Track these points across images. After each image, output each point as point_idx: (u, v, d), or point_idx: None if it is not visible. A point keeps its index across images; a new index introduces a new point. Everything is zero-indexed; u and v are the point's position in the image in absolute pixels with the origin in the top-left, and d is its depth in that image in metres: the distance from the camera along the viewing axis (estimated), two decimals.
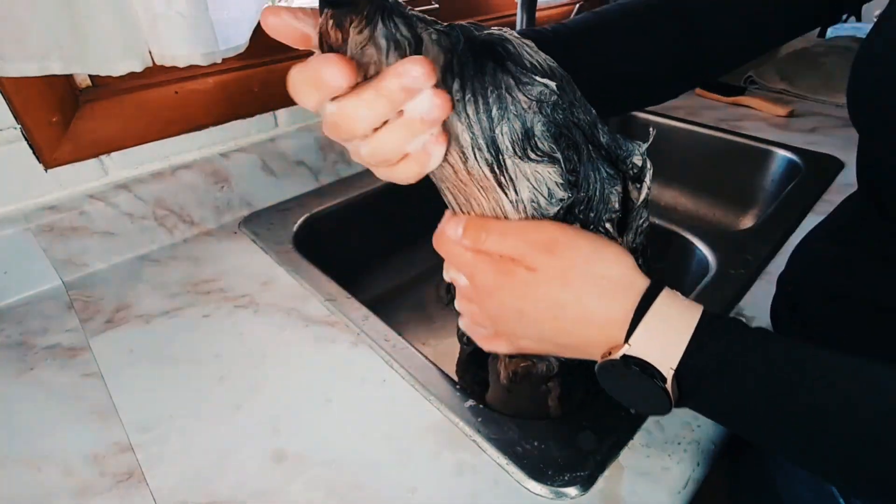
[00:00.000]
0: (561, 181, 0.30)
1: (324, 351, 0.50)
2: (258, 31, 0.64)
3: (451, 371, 0.49)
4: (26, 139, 0.55)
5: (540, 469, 0.39)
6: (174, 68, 0.58)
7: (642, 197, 0.33)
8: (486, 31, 0.30)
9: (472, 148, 0.29)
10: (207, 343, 0.51)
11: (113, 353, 0.50)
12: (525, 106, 0.29)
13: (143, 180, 0.63)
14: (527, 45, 0.30)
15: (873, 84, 0.33)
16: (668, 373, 0.27)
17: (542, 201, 0.31)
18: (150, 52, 0.56)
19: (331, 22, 0.29)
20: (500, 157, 0.29)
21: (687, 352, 0.27)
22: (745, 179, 0.92)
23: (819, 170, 0.79)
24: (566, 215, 0.32)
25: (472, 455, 0.40)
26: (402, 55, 0.28)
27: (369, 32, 0.28)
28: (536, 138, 0.29)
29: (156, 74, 0.61)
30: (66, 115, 0.56)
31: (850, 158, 0.81)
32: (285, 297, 0.57)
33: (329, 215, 0.74)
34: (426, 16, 0.30)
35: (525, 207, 0.31)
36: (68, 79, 0.56)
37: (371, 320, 0.53)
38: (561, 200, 0.31)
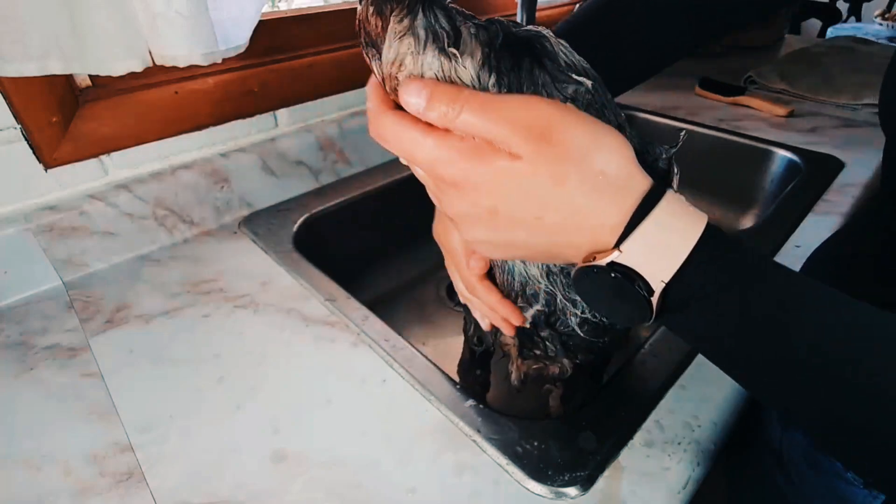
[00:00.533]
0: None
1: (324, 351, 0.50)
2: (258, 31, 0.64)
3: (452, 371, 0.49)
4: (26, 139, 0.55)
5: (540, 469, 0.39)
6: (174, 68, 0.58)
7: None
8: (523, 28, 0.30)
9: None
10: (207, 343, 0.51)
11: (113, 353, 0.50)
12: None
13: (143, 180, 0.63)
14: (562, 44, 0.30)
15: None
16: (658, 286, 0.25)
17: None
18: (149, 52, 0.56)
19: (371, 9, 0.29)
20: None
21: (683, 266, 0.24)
22: (745, 179, 0.92)
23: (819, 170, 0.79)
24: None
25: (472, 455, 0.40)
26: (440, 47, 0.28)
27: (409, 22, 0.28)
28: None
29: (155, 74, 0.61)
30: (66, 116, 0.56)
31: (850, 158, 0.81)
32: (285, 297, 0.57)
33: (329, 215, 0.74)
34: (464, 10, 0.30)
35: None
36: (68, 79, 0.56)
37: (371, 320, 0.53)
38: None
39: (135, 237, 0.63)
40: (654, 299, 0.25)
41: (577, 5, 1.08)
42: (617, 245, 0.25)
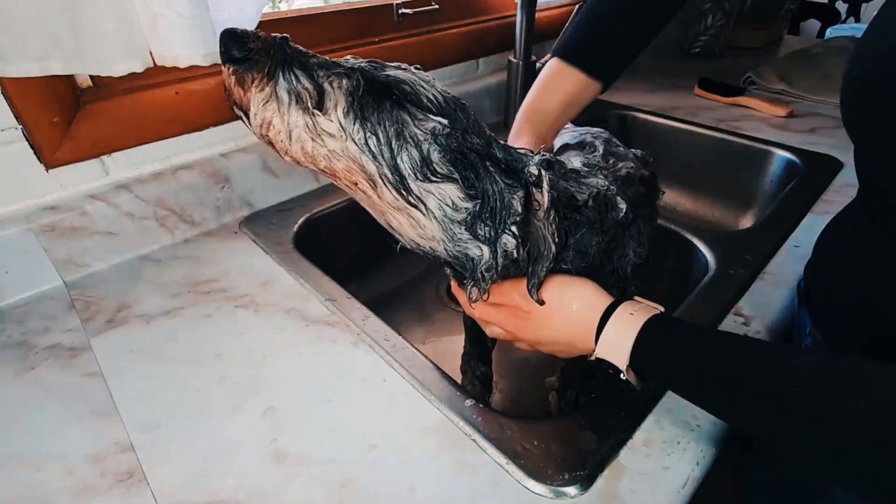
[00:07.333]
0: (462, 195, 0.35)
1: (324, 351, 0.50)
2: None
3: (451, 371, 0.49)
4: (27, 139, 0.55)
5: (540, 469, 0.39)
6: (174, 69, 0.58)
7: (545, 200, 0.36)
8: (384, 73, 0.34)
9: (379, 175, 0.34)
10: (208, 343, 0.51)
11: (114, 352, 0.50)
12: (421, 137, 0.33)
13: (144, 180, 0.63)
14: (422, 81, 0.34)
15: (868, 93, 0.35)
16: (625, 367, 0.37)
17: (449, 210, 0.35)
18: (150, 53, 0.56)
19: (233, 79, 0.32)
20: (405, 181, 0.34)
21: (632, 354, 0.36)
22: (744, 179, 0.92)
23: (818, 170, 0.79)
24: (475, 221, 0.36)
25: (472, 455, 0.41)
26: (304, 108, 0.32)
27: (271, 88, 0.32)
28: (434, 163, 0.34)
29: (156, 75, 0.61)
30: (67, 116, 0.57)
31: (848, 158, 0.81)
32: (285, 297, 0.57)
33: (329, 215, 0.74)
34: (327, 59, 0.34)
35: (435, 216, 0.35)
36: (69, 79, 0.56)
37: (371, 320, 0.53)
38: (466, 209, 0.36)
39: (136, 237, 0.63)
40: (627, 374, 0.38)
41: (578, 6, 1.09)
42: (595, 345, 0.39)
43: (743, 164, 0.91)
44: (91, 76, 0.59)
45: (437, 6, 0.88)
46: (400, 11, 0.84)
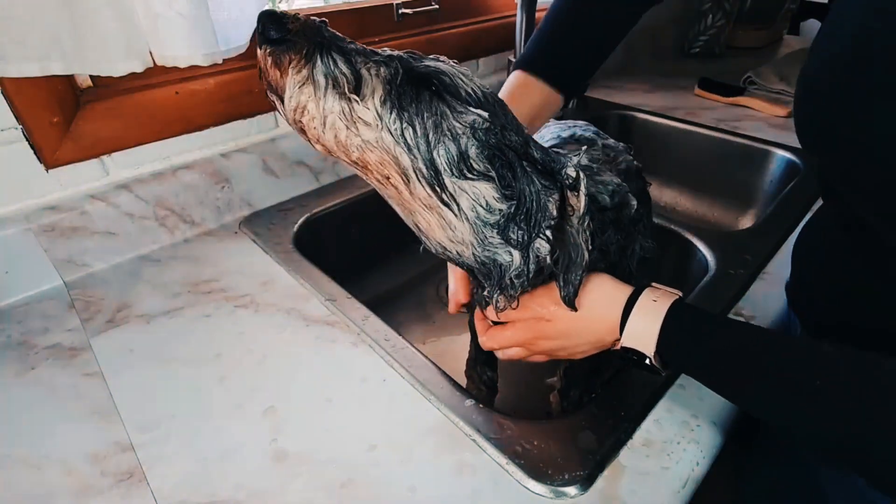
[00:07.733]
0: (497, 195, 0.34)
1: (324, 351, 0.50)
2: None
3: (451, 371, 0.49)
4: (27, 139, 0.55)
5: (540, 469, 0.39)
6: (175, 69, 0.58)
7: (582, 205, 0.35)
8: (423, 63, 0.33)
9: (413, 170, 0.32)
10: (208, 343, 0.51)
11: (114, 352, 0.50)
12: (460, 131, 0.32)
13: (144, 180, 0.63)
14: (461, 74, 0.33)
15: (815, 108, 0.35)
16: (652, 354, 0.38)
17: (482, 212, 0.34)
18: (150, 53, 0.56)
19: (269, 60, 0.31)
20: (440, 177, 0.32)
21: (659, 340, 0.37)
22: (744, 179, 0.92)
23: None
24: (508, 223, 0.35)
25: (472, 455, 0.41)
26: (340, 93, 0.30)
27: (308, 71, 0.30)
28: (472, 159, 0.33)
29: (156, 75, 0.61)
30: (67, 116, 0.57)
31: None
32: (285, 297, 0.57)
33: (329, 215, 0.74)
34: (365, 47, 0.32)
35: (468, 217, 0.34)
36: (69, 79, 0.56)
37: (371, 320, 0.53)
38: (500, 210, 0.34)
39: (136, 237, 0.63)
40: (653, 361, 0.38)
41: None
42: (620, 335, 0.39)
43: (743, 164, 0.91)
44: (91, 76, 0.59)
45: (437, 6, 0.88)
46: (400, 11, 0.84)
